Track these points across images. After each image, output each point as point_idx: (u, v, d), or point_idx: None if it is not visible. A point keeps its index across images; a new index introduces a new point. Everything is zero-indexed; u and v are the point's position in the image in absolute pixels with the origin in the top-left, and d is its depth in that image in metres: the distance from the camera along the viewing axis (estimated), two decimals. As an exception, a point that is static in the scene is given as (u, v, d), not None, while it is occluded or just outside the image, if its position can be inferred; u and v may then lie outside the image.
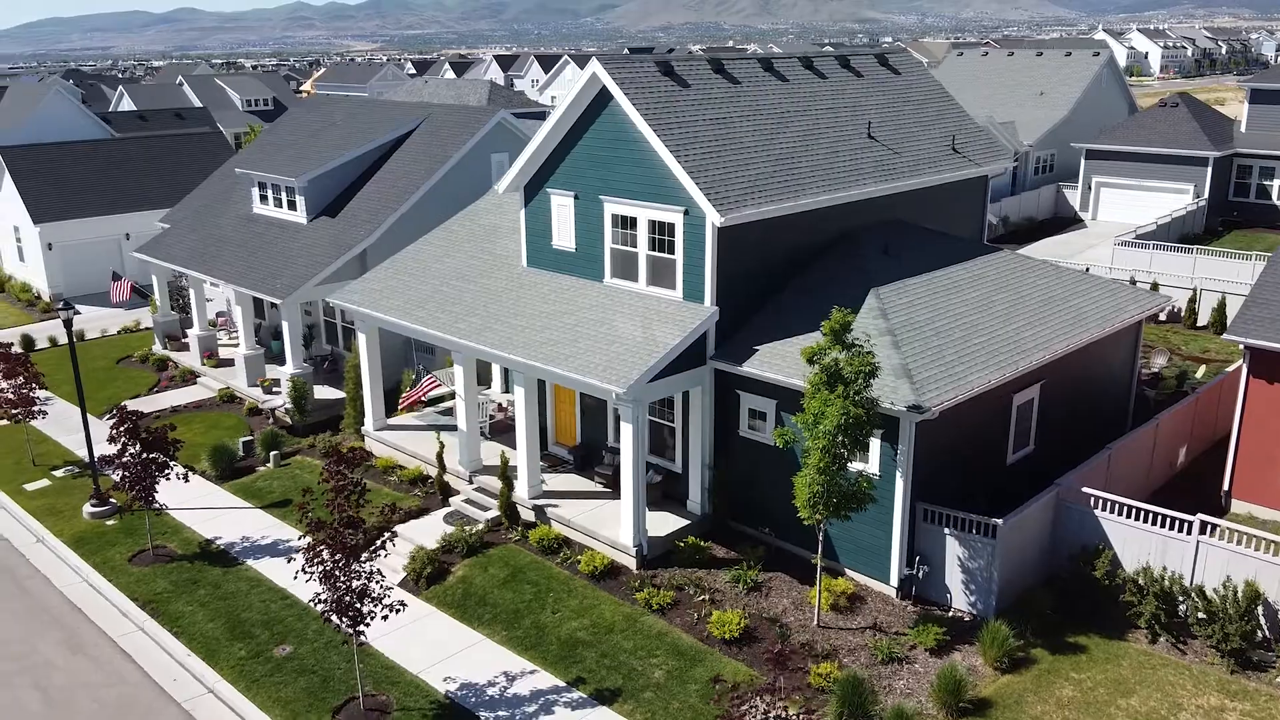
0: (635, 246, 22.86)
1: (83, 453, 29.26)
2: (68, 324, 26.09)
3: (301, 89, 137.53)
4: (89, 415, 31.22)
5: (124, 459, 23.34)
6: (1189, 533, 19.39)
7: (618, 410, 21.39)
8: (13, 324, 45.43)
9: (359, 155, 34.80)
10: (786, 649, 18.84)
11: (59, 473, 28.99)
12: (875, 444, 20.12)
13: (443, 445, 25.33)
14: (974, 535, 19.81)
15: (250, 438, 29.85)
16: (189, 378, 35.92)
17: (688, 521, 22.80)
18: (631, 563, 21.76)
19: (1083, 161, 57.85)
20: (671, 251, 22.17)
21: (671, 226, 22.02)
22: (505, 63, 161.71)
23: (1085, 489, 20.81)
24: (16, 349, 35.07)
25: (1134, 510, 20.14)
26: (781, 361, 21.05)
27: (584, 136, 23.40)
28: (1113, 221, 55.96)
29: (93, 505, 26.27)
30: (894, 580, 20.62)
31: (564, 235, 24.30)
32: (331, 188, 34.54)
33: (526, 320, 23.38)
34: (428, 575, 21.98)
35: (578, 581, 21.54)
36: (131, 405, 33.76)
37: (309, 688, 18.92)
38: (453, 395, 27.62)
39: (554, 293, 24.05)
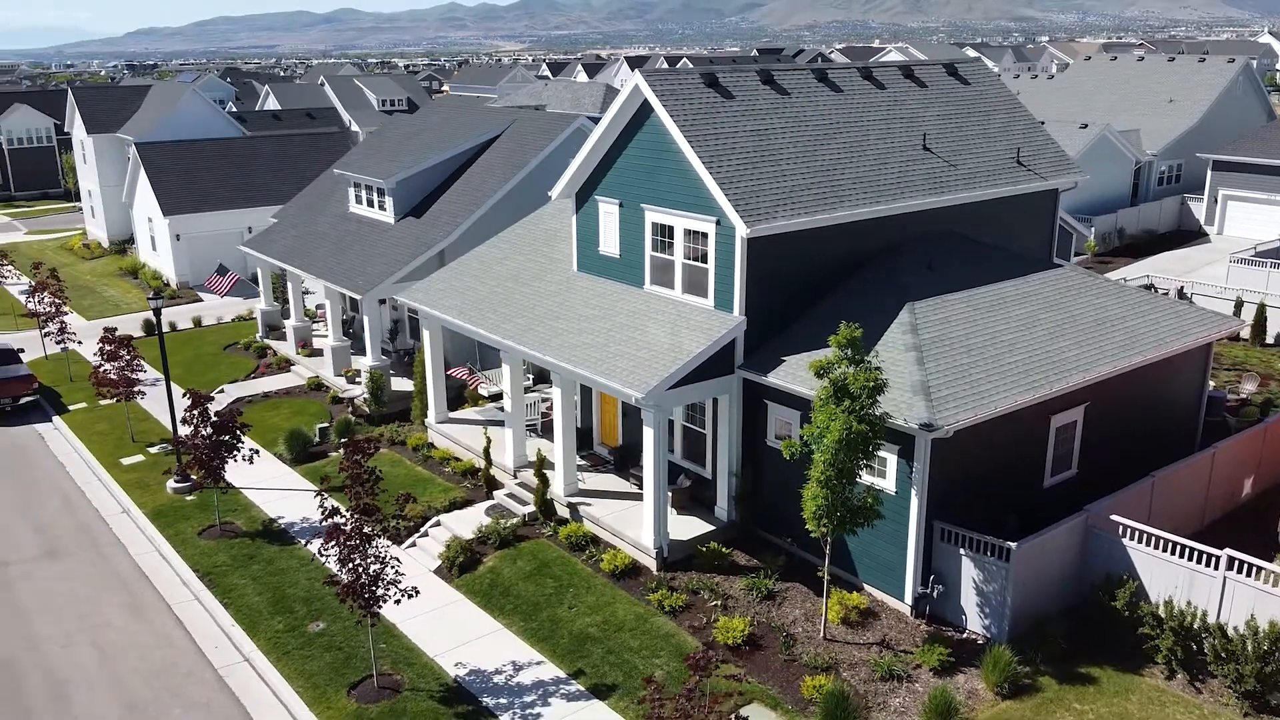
0: (672, 254, 23.31)
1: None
2: (156, 313, 28.23)
3: (441, 89, 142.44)
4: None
5: (195, 440, 25.12)
6: (1216, 568, 18.63)
7: (649, 414, 21.88)
8: (140, 308, 48.91)
9: (446, 159, 36.25)
10: (788, 659, 19.00)
11: (153, 449, 31.31)
12: (892, 460, 20.05)
13: (489, 440, 26.31)
14: (988, 557, 19.51)
15: (326, 425, 31.58)
16: (284, 365, 38.13)
17: (713, 527, 23.12)
18: (652, 564, 22.24)
19: (1209, 173, 55.01)
20: (705, 260, 22.54)
21: (705, 236, 22.38)
22: (636, 64, 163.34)
23: (1114, 516, 20.18)
24: (129, 333, 37.85)
25: (1162, 541, 19.45)
26: (806, 373, 21.09)
27: (629, 146, 23.97)
28: (1240, 237, 53.06)
29: (175, 481, 28.33)
30: (908, 598, 20.48)
31: (609, 242, 24.93)
32: (419, 189, 36.09)
33: (566, 323, 24.13)
34: (460, 564, 22.98)
35: (598, 579, 22.16)
36: (229, 389, 36.19)
37: (333, 663, 20.12)
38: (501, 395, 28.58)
39: (596, 297, 24.71)
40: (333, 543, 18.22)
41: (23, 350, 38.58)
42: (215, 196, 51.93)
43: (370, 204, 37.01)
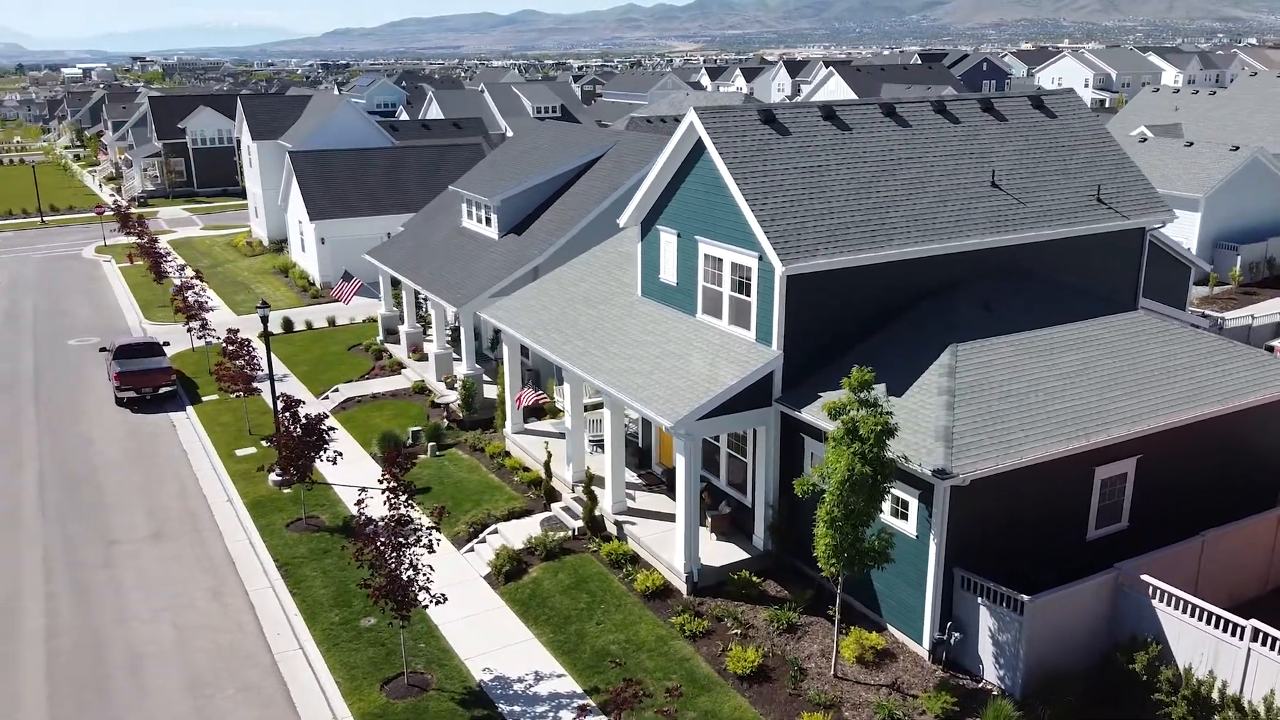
0: (721, 286, 23.89)
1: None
2: (264, 320, 30.74)
3: (597, 96, 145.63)
4: (310, 394, 36.76)
5: (285, 440, 27.35)
6: (1241, 638, 17.88)
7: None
8: (285, 306, 52.79)
9: (548, 179, 37.77)
10: (793, 693, 19.37)
11: (266, 443, 34.04)
12: (913, 503, 20.10)
13: (549, 454, 27.54)
14: (1004, 609, 19.31)
15: (419, 428, 33.58)
16: (396, 368, 40.57)
17: (748, 555, 23.59)
18: (683, 587, 22.92)
19: (1378, 200, 50.91)
20: (748, 294, 23.03)
21: (749, 270, 22.88)
22: (795, 69, 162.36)
23: (1144, 576, 19.58)
24: (246, 335, 41.02)
25: (1192, 605, 18.77)
26: (837, 411, 21.34)
27: (686, 179, 24.69)
28: None
29: (276, 475, 30.82)
30: (926, 642, 20.45)
31: (668, 270, 25.72)
32: (522, 207, 37.75)
33: (620, 348, 25.06)
34: (506, 572, 24.27)
35: (630, 598, 23.01)
36: (343, 389, 38.82)
37: (374, 658, 21.74)
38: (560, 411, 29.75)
39: (652, 323, 25.54)
40: (368, 547, 19.76)
41: (168, 344, 42.49)
42: (358, 203, 55.33)
43: (478, 220, 38.93)
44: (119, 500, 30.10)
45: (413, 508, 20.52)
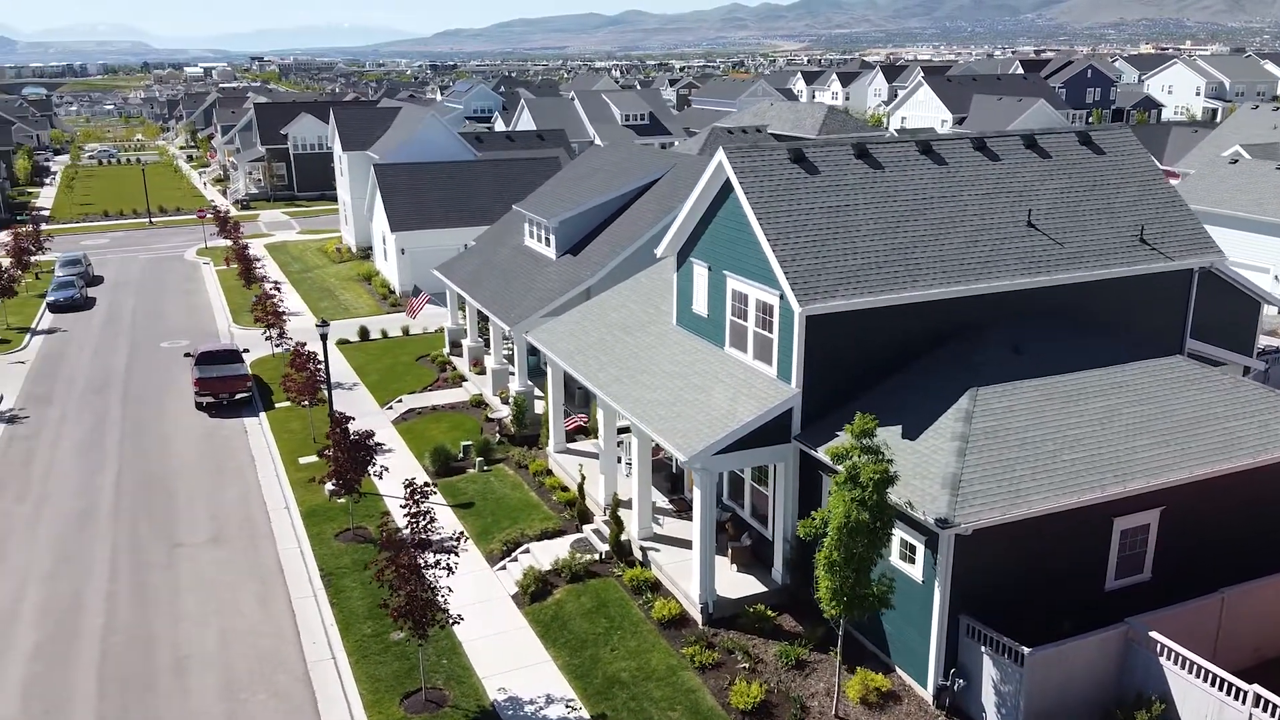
0: (747, 321, 24.27)
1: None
2: (323, 338, 32.24)
3: (688, 103, 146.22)
4: (376, 404, 38.37)
5: (336, 454, 28.68)
6: (1244, 702, 17.56)
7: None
8: (366, 313, 54.87)
9: (606, 201, 38.54)
10: (791, 730, 19.69)
11: (327, 453, 35.57)
12: (920, 549, 20.22)
13: (584, 476, 28.30)
14: (1005, 659, 19.29)
15: (469, 443, 34.71)
16: (457, 381, 41.88)
17: (765, 589, 23.93)
18: (698, 618, 23.40)
19: None
20: (771, 330, 23.37)
21: (772, 307, 23.22)
22: (892, 74, 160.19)
23: (1153, 633, 19.31)
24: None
25: (1198, 668, 18.48)
26: (852, 451, 21.54)
27: (717, 215, 25.13)
28: None
29: (332, 484, 32.26)
30: (930, 686, 20.53)
31: (700, 302, 26.20)
32: (580, 228, 38.60)
33: (650, 377, 25.65)
34: (532, 593, 25.10)
35: (646, 625, 23.59)
36: (406, 399, 40.25)
37: (398, 671, 22.79)
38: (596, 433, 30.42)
39: (683, 354, 26.06)
40: (388, 569, 20.77)
41: (247, 350, 44.66)
42: (438, 215, 57.05)
43: (539, 239, 39.95)
44: (186, 503, 31.95)
45: (433, 523, 21.45)
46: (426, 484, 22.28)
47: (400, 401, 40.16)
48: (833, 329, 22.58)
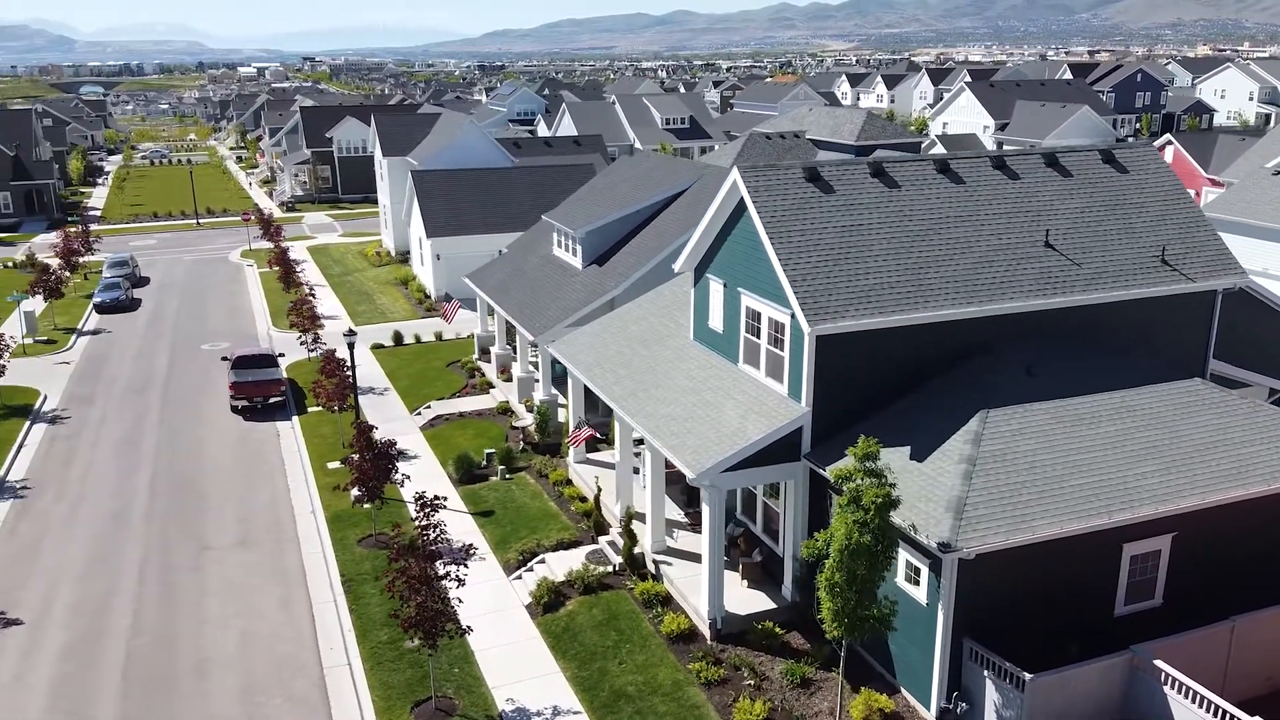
0: (759, 338, 24.44)
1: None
2: (350, 347, 32.90)
3: (730, 106, 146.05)
4: (406, 410, 38.94)
5: (359, 462, 29.28)
6: (1245, 738, 17.42)
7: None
8: (401, 317, 55.70)
9: (631, 212, 38.85)
10: (792, 749, 19.84)
11: (354, 459, 36.24)
12: (925, 572, 20.26)
13: (600, 489, 28.61)
14: (1007, 684, 19.29)
15: (493, 450, 35.17)
16: (485, 387, 42.41)
17: (774, 606, 24.08)
18: (707, 633, 23.60)
19: None
20: (782, 349, 23.52)
21: (784, 326, 23.36)
22: (938, 76, 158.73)
23: (1157, 661, 19.20)
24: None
25: (1202, 698, 18.35)
26: (859, 472, 21.62)
27: (732, 232, 25.31)
28: None
29: (357, 490, 32.88)
30: (933, 708, 20.57)
31: (716, 317, 26.39)
32: (606, 239, 38.94)
33: (664, 392, 25.89)
34: (545, 603, 25.46)
35: (655, 639, 23.84)
36: (434, 405, 40.84)
37: (410, 679, 23.26)
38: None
39: (698, 369, 26.27)
40: (399, 580, 21.23)
41: (283, 354, 45.56)
42: (473, 222, 57.63)
43: (566, 249, 40.36)
44: (217, 506, 32.76)
45: (443, 535, 21.91)
46: (438, 496, 22.72)
47: (429, 408, 40.75)
48: (843, 349, 22.67)
